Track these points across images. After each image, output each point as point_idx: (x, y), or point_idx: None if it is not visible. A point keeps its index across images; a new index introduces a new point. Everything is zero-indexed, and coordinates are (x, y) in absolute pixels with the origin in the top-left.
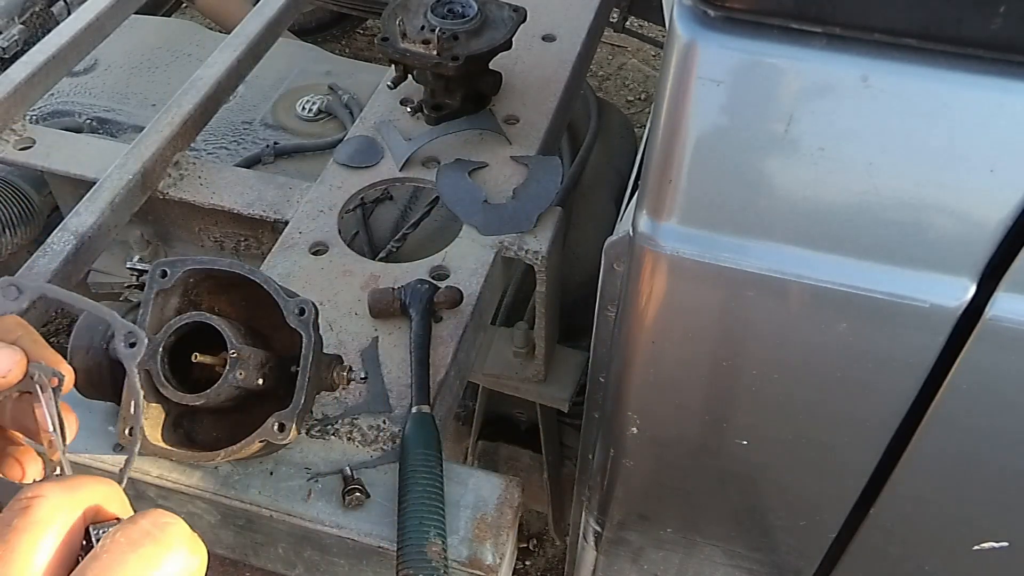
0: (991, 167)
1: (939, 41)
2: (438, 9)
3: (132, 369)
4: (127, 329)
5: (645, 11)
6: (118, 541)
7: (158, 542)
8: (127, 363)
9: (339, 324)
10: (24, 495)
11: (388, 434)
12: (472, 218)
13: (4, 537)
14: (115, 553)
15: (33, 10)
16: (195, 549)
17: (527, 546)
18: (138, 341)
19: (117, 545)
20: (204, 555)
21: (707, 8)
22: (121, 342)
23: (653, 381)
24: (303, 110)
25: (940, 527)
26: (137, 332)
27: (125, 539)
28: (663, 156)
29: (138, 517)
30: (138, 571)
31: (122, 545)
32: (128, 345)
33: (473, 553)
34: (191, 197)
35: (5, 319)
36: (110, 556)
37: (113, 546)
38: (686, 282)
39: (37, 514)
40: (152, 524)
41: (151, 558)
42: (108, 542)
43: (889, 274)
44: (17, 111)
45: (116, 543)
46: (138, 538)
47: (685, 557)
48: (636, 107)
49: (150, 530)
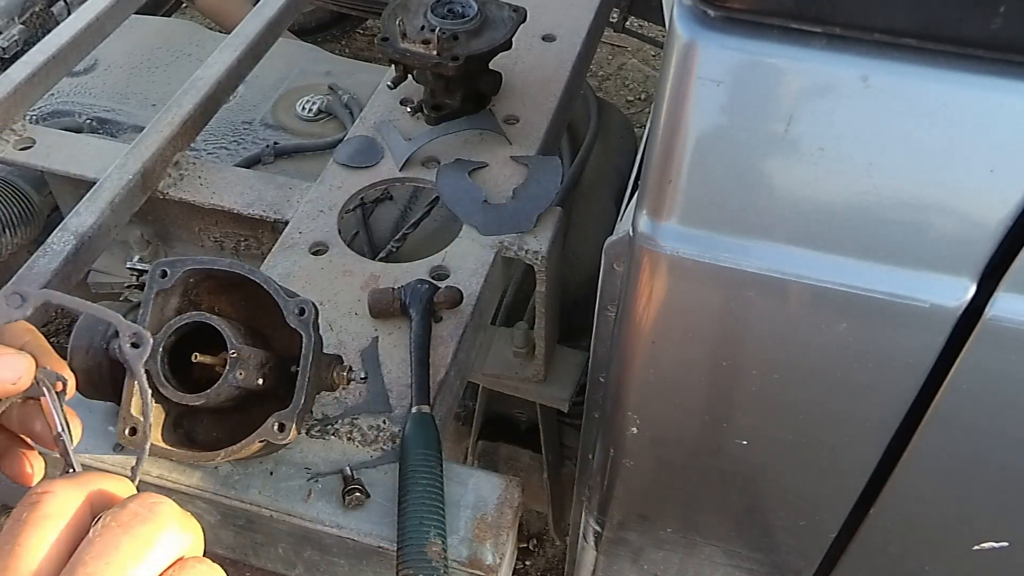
0: (991, 167)
1: (939, 41)
2: (438, 9)
3: (139, 370)
4: (132, 330)
5: (645, 11)
6: (109, 525)
7: (148, 521)
8: (134, 364)
9: (339, 324)
10: (35, 491)
11: (388, 434)
12: (472, 218)
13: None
14: (107, 536)
15: (33, 10)
16: (187, 526)
17: (527, 546)
18: (143, 342)
19: (109, 529)
20: (198, 531)
21: (707, 8)
22: (127, 343)
23: (653, 381)
24: (303, 110)
25: (940, 527)
26: (142, 333)
27: (116, 522)
28: (663, 156)
29: (127, 501)
30: (132, 551)
31: (113, 528)
32: (133, 345)
33: (473, 553)
34: (191, 197)
35: (14, 325)
36: (103, 539)
37: (105, 530)
38: (686, 282)
39: (46, 508)
40: (140, 505)
41: (143, 537)
42: (99, 526)
43: (889, 274)
44: (17, 111)
45: (107, 527)
46: (128, 519)
47: (685, 557)
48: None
49: (139, 511)
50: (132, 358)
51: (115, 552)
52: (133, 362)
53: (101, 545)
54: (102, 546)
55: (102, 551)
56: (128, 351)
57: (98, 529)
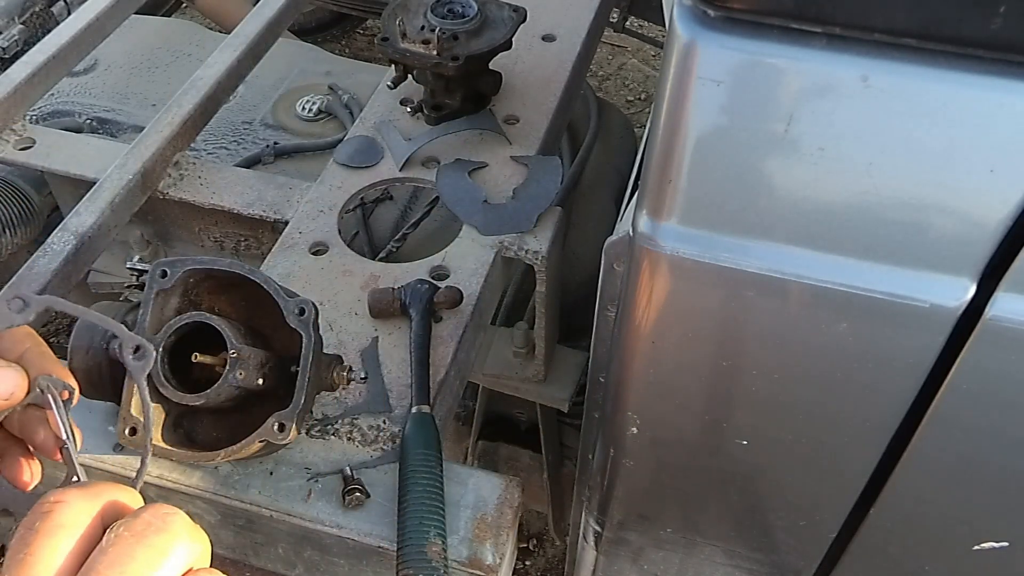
0: (991, 167)
1: (939, 41)
2: (438, 9)
3: (142, 382)
4: (135, 342)
5: (645, 11)
6: (123, 535)
7: (161, 531)
8: (136, 376)
9: (339, 324)
10: (47, 500)
11: (388, 434)
12: (472, 218)
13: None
14: (121, 546)
15: (33, 10)
16: (197, 537)
17: (527, 546)
18: (146, 354)
19: (122, 538)
20: (207, 542)
21: (707, 8)
22: (129, 354)
23: (653, 381)
24: (303, 110)
25: (940, 527)
26: (145, 344)
27: (129, 532)
28: (663, 156)
29: (140, 511)
30: (145, 560)
31: (127, 538)
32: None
33: (473, 553)
34: (191, 197)
35: (15, 331)
36: (116, 549)
37: (118, 540)
38: (686, 282)
39: (59, 518)
40: (153, 516)
41: (157, 547)
42: (113, 536)
43: (889, 274)
44: (17, 111)
45: (121, 537)
46: (142, 529)
47: (685, 557)
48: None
49: (152, 521)
50: (135, 370)
51: (129, 561)
52: (136, 373)
53: (114, 555)
54: (115, 555)
55: (115, 560)
56: (131, 363)
57: (111, 539)
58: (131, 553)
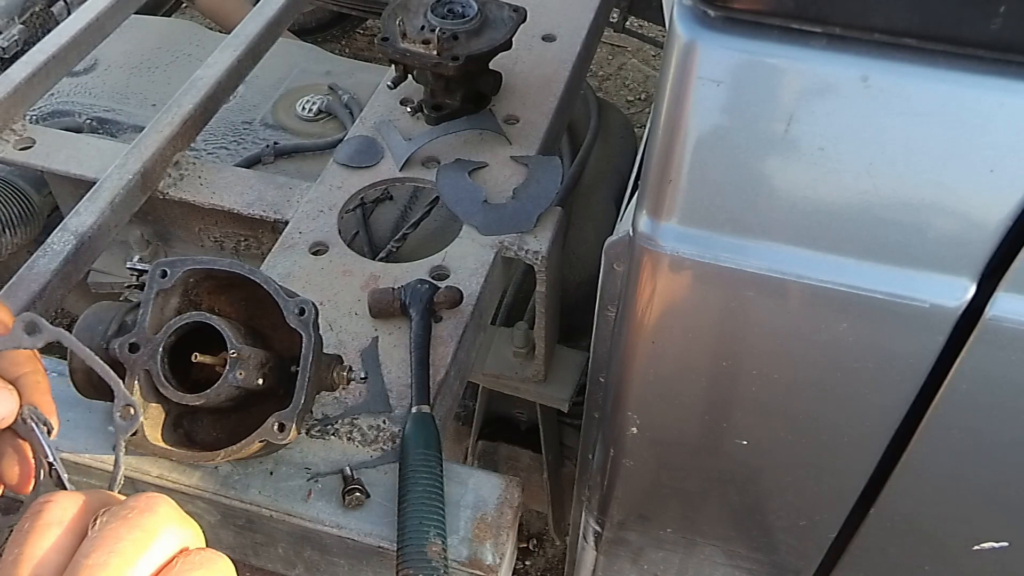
0: (991, 167)
1: (939, 41)
2: (438, 9)
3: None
4: (125, 401)
5: (645, 11)
6: (109, 521)
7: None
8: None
9: (339, 324)
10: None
11: (388, 434)
12: (472, 218)
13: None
14: (109, 531)
15: (33, 10)
16: (184, 522)
17: (527, 546)
18: (135, 416)
19: (109, 524)
20: (196, 528)
21: (707, 8)
22: (117, 413)
23: (653, 381)
24: (303, 110)
25: (940, 527)
26: (136, 407)
27: (115, 518)
28: (663, 156)
29: (127, 500)
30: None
31: (114, 523)
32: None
33: (473, 553)
34: (191, 197)
35: (19, 353)
36: (104, 533)
37: (106, 525)
38: (686, 282)
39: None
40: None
41: (145, 527)
42: (101, 522)
43: (889, 274)
44: (17, 111)
45: (107, 524)
46: (129, 515)
47: (685, 557)
48: (636, 107)
49: (137, 505)
50: (120, 429)
51: (116, 542)
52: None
53: (102, 539)
54: (104, 539)
55: (103, 544)
56: (118, 422)
57: (98, 526)
58: (119, 535)
